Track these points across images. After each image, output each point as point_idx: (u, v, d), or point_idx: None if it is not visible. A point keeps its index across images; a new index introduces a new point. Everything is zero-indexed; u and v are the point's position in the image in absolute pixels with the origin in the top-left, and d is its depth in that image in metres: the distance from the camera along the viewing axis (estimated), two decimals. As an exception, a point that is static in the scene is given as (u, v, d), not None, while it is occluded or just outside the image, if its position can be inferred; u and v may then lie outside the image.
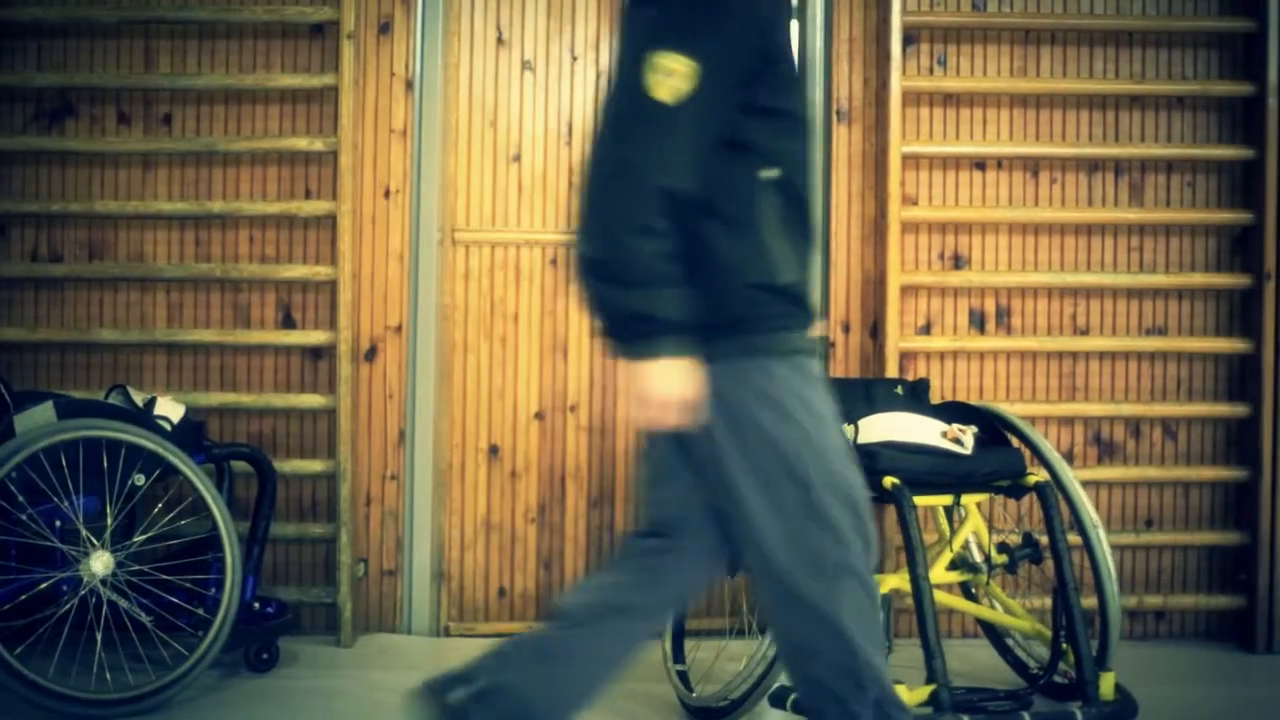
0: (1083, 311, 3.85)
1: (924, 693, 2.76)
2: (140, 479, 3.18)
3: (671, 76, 1.88)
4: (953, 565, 3.15)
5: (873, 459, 2.94)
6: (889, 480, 2.93)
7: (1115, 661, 3.08)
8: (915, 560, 2.83)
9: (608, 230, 1.90)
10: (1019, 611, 3.25)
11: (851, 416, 3.06)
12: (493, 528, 3.91)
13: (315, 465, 3.71)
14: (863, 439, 3.01)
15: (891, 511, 3.31)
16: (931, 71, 3.82)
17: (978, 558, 3.21)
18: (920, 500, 2.96)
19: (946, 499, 3.06)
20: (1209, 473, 3.83)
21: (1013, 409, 3.76)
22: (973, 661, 3.52)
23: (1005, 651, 3.42)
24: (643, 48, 1.91)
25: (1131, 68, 3.84)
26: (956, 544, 3.14)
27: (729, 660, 3.19)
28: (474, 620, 3.91)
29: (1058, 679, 3.05)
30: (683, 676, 3.20)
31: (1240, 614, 3.83)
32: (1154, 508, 3.87)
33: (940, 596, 3.05)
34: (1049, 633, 3.03)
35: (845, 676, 1.93)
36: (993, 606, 3.31)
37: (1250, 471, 3.78)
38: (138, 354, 3.75)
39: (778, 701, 2.83)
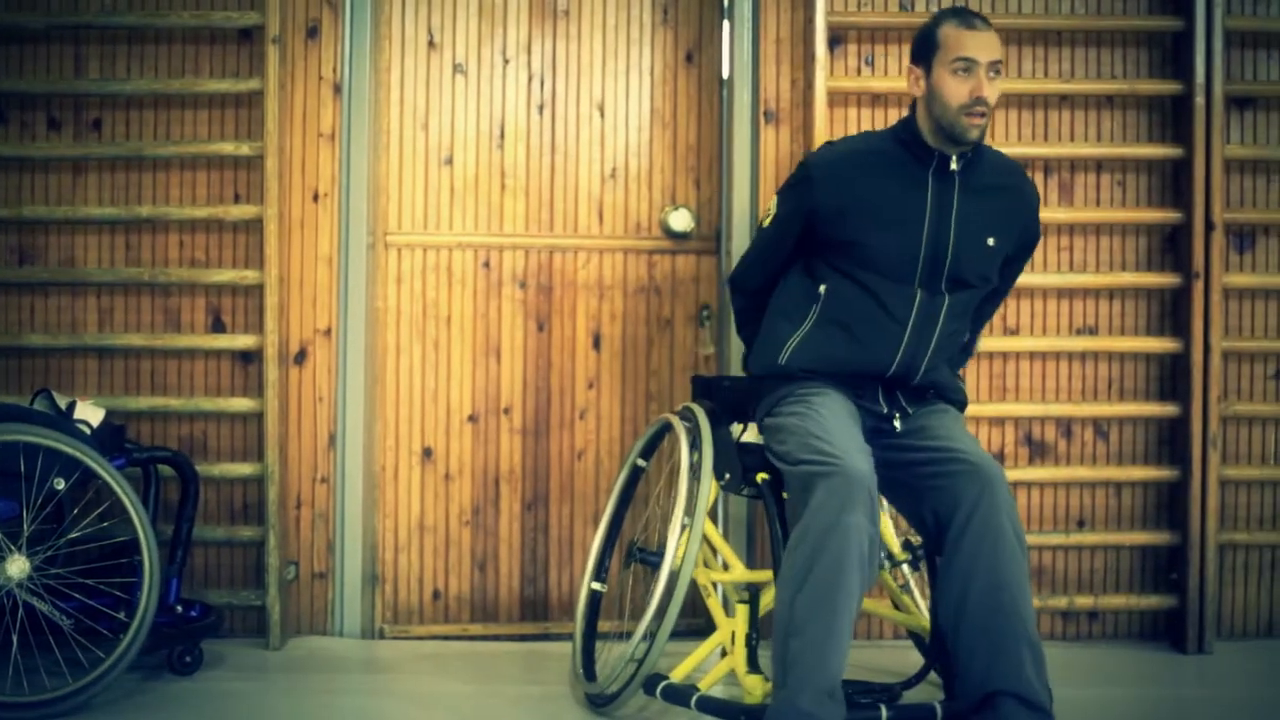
0: (1013, 311, 3.84)
1: None
2: (60, 483, 3.19)
3: None
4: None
5: (751, 455, 3.00)
6: (760, 476, 2.95)
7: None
8: (778, 554, 2.86)
9: None
10: (912, 609, 3.25)
11: (744, 417, 3.08)
12: (427, 530, 3.92)
13: (245, 468, 3.72)
14: (748, 437, 3.02)
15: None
16: (859, 72, 3.82)
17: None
18: None
19: None
20: (1140, 472, 3.83)
21: (942, 409, 3.79)
22: (907, 662, 3.49)
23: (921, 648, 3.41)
24: None
25: (1060, 67, 3.84)
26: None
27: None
28: (408, 623, 3.91)
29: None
30: (589, 670, 3.30)
31: (1172, 614, 3.82)
32: (1085, 508, 3.86)
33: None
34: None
35: None
36: (896, 605, 3.32)
37: (1180, 471, 3.78)
38: (68, 358, 3.77)
39: (649, 688, 3.00)
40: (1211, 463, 3.74)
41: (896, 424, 2.94)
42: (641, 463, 3.46)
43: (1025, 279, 3.79)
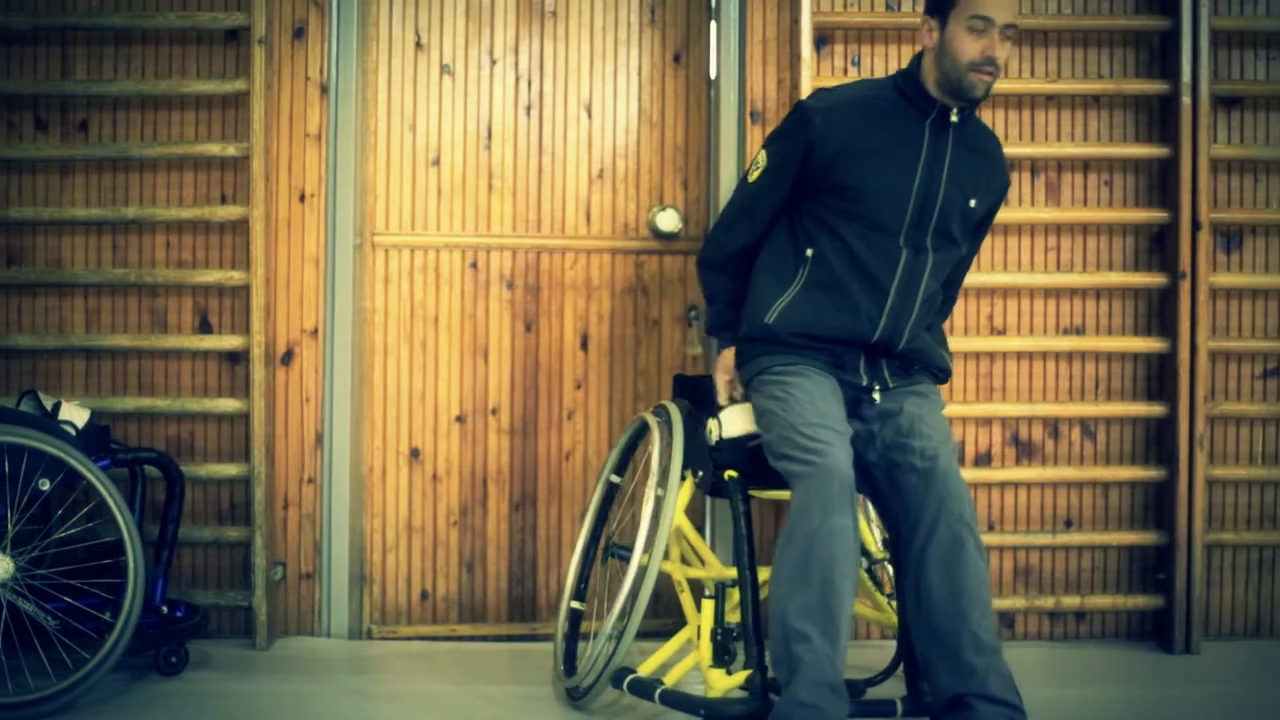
0: (1000, 311, 3.84)
1: (740, 677, 2.86)
2: (45, 484, 3.20)
3: None
4: None
5: (723, 453, 3.03)
6: (729, 473, 2.98)
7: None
8: (741, 550, 2.92)
9: None
10: (885, 606, 3.26)
11: (717, 411, 3.11)
12: (415, 530, 3.92)
13: (231, 469, 3.72)
14: (726, 433, 3.04)
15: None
16: (846, 72, 3.81)
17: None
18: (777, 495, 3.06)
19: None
20: (1127, 472, 3.82)
21: (929, 409, 3.79)
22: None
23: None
24: None
25: (1047, 66, 3.84)
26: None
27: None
28: (396, 623, 3.92)
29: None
30: (570, 665, 3.35)
31: (1159, 614, 3.82)
32: (1073, 508, 3.86)
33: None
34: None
35: None
36: (874, 605, 3.33)
37: (1168, 471, 3.78)
38: (56, 359, 3.77)
39: (617, 682, 3.06)
40: (1198, 463, 3.73)
41: (876, 396, 2.97)
42: (616, 479, 3.46)
43: (1012, 278, 3.81)
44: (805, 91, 3.65)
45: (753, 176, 3.09)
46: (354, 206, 3.79)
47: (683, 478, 3.17)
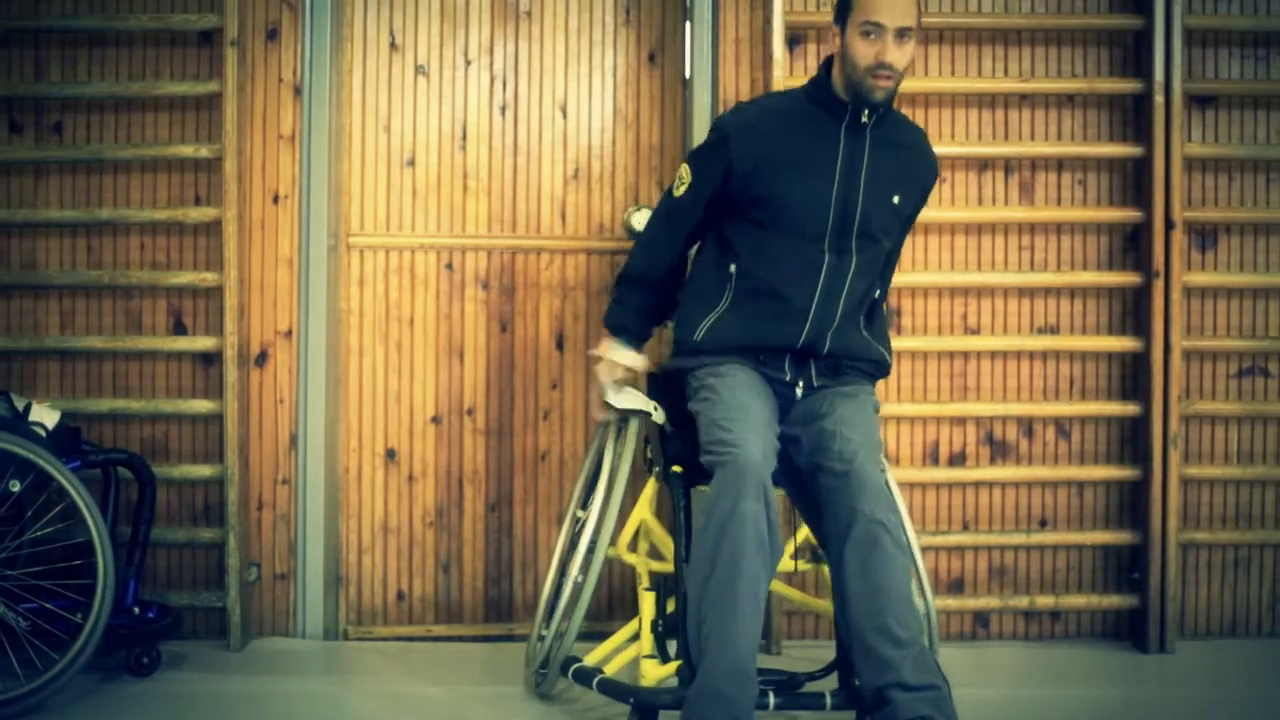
0: (973, 311, 3.84)
1: (673, 667, 2.90)
2: (15, 485, 3.20)
3: None
4: (796, 554, 3.22)
5: (672, 446, 3.12)
6: (675, 468, 3.05)
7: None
8: (678, 543, 2.99)
9: None
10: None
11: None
12: (390, 531, 3.92)
13: (205, 470, 3.73)
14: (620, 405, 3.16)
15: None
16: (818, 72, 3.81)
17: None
18: None
19: None
20: (1101, 472, 3.82)
21: (904, 409, 3.80)
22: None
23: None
24: None
25: (1020, 66, 3.84)
26: (800, 534, 3.20)
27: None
28: (372, 624, 3.92)
29: None
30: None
31: (1134, 613, 3.82)
32: (1047, 507, 3.86)
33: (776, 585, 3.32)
34: None
35: None
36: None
37: (1142, 470, 3.77)
38: (30, 361, 3.77)
39: (564, 669, 3.16)
40: (1172, 462, 3.73)
41: (798, 391, 3.03)
42: (582, 514, 3.41)
43: (985, 278, 3.81)
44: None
45: (677, 191, 3.14)
46: (328, 207, 3.79)
47: (649, 472, 3.30)
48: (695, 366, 3.08)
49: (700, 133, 3.80)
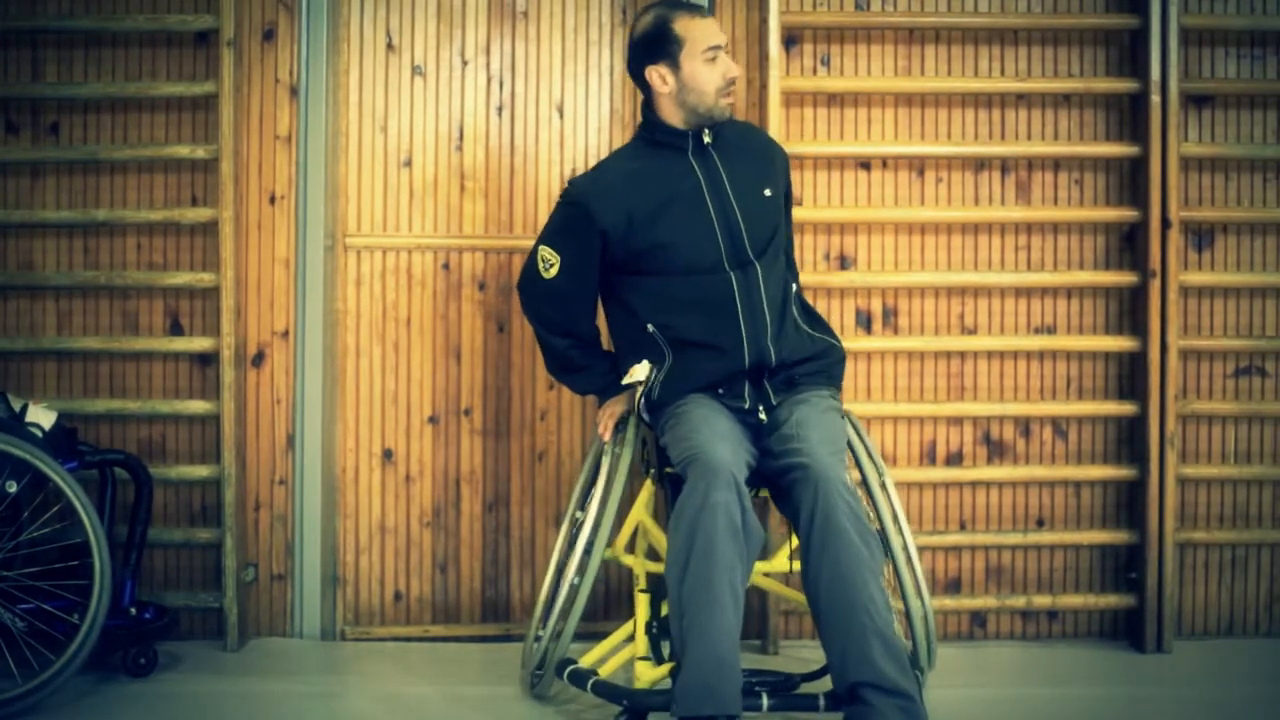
0: (970, 311, 3.84)
1: (665, 669, 2.94)
2: (12, 486, 3.20)
3: None
4: (792, 556, 3.20)
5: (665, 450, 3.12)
6: (668, 469, 3.08)
7: (934, 662, 3.22)
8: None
9: None
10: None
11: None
12: (388, 531, 3.92)
13: (202, 471, 3.73)
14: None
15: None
16: (815, 72, 3.82)
17: None
18: None
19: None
20: (1098, 471, 3.82)
21: (900, 409, 3.80)
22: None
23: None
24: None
25: (1017, 65, 3.84)
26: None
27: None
28: (370, 624, 3.92)
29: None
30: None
31: (1131, 613, 3.82)
32: (1044, 507, 3.86)
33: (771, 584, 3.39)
34: None
35: None
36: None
37: (1139, 470, 3.77)
38: (27, 362, 3.78)
39: (559, 671, 3.18)
40: (1169, 462, 3.73)
41: (762, 416, 3.06)
42: (581, 515, 3.41)
43: (982, 277, 3.81)
44: (773, 91, 3.66)
45: (547, 274, 3.20)
46: (325, 208, 3.79)
47: (646, 474, 3.31)
48: (665, 411, 3.12)
49: (697, 133, 3.80)
